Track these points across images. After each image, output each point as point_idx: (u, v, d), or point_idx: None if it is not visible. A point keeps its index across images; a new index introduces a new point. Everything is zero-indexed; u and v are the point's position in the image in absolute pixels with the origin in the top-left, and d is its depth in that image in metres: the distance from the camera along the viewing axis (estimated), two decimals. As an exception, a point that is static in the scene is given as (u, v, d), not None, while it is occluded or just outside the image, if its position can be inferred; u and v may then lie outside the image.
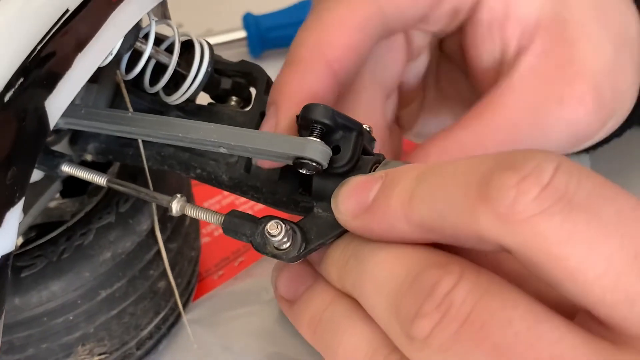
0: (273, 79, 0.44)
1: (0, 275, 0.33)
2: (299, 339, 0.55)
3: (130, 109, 0.45)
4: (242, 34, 0.85)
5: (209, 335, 0.55)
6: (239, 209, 0.38)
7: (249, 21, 0.84)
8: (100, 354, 0.49)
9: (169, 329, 0.54)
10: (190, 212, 0.40)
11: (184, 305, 0.56)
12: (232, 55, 0.85)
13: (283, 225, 0.35)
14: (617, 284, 0.24)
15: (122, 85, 0.46)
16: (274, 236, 0.35)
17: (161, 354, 0.54)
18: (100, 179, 0.43)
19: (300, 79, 0.40)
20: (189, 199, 0.55)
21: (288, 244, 0.35)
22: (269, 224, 0.35)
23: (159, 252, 0.50)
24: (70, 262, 0.46)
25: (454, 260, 0.29)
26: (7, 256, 0.34)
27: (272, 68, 0.47)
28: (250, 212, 0.38)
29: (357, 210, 0.33)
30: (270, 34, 0.84)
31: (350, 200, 0.33)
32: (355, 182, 0.34)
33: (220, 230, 0.67)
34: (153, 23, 0.42)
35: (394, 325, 0.29)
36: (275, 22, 0.84)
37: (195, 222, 0.57)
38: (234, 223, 0.37)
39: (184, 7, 0.85)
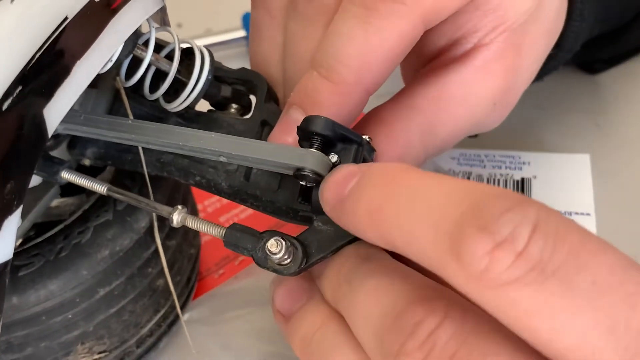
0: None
1: None
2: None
3: (131, 116, 0.46)
4: (241, 33, 0.85)
5: (208, 334, 0.55)
6: (238, 208, 0.38)
7: (249, 21, 0.84)
8: (99, 352, 0.49)
9: (169, 326, 0.54)
10: (192, 224, 0.40)
11: (184, 303, 0.56)
12: (231, 55, 0.86)
13: (283, 243, 0.36)
14: (592, 358, 0.24)
15: (122, 92, 0.46)
16: (275, 254, 0.36)
17: (161, 352, 0.54)
18: (100, 188, 0.44)
19: (337, 103, 0.39)
20: (187, 196, 0.55)
21: (289, 260, 0.36)
22: (270, 242, 0.36)
23: (157, 249, 0.50)
24: (68, 261, 0.46)
25: (441, 295, 0.29)
26: (5, 264, 0.34)
27: (272, 68, 0.47)
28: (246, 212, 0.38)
29: (333, 201, 0.33)
30: (270, 33, 0.84)
31: (330, 190, 0.33)
32: (340, 173, 0.33)
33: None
34: (153, 30, 0.43)
35: (378, 358, 0.30)
36: (275, 22, 0.84)
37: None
38: (235, 237, 0.38)
39: (184, 7, 0.85)
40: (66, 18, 0.34)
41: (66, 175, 0.44)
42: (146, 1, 0.40)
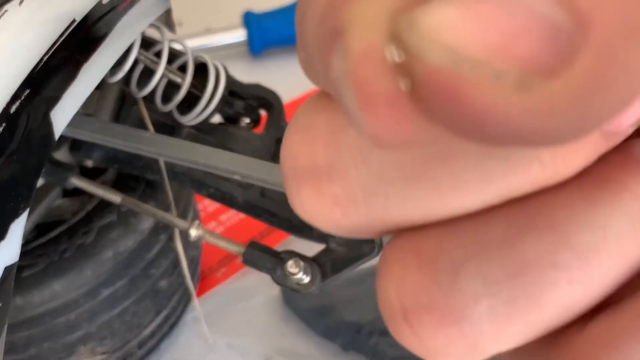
0: (273, 78, 0.44)
1: (4, 286, 0.33)
2: (303, 335, 0.55)
3: (151, 129, 0.45)
4: (242, 32, 0.85)
5: (212, 332, 0.55)
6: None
7: (249, 19, 0.84)
8: (102, 353, 0.49)
9: (171, 327, 0.54)
10: (210, 239, 0.41)
11: (186, 303, 0.56)
12: (231, 55, 0.86)
13: (302, 264, 0.37)
14: None
15: (141, 104, 0.46)
16: (294, 274, 0.37)
17: (163, 353, 0.54)
18: (114, 197, 0.44)
19: None
20: (190, 198, 0.55)
21: (307, 280, 0.37)
22: (289, 263, 0.37)
23: (160, 251, 0.50)
24: (72, 261, 0.46)
25: None
26: (10, 267, 0.34)
27: (272, 67, 0.47)
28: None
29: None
30: (271, 33, 0.84)
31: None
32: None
33: (222, 228, 0.68)
34: (166, 43, 0.43)
35: None
36: (276, 21, 0.84)
37: (196, 220, 0.57)
38: (255, 256, 0.39)
39: (184, 6, 0.85)
40: (74, 21, 0.34)
41: (77, 182, 0.44)
42: (152, 4, 0.40)
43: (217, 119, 0.47)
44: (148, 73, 0.43)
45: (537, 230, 0.14)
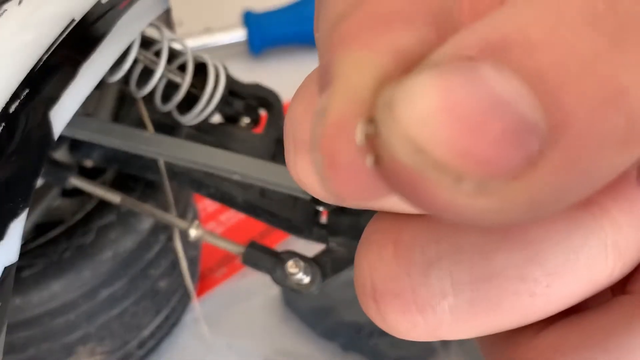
0: (273, 77, 0.44)
1: (3, 286, 0.33)
2: (303, 336, 0.55)
3: (150, 129, 0.45)
4: (242, 32, 0.85)
5: (212, 332, 0.55)
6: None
7: (249, 19, 0.84)
8: (101, 354, 0.49)
9: (170, 328, 0.54)
10: (210, 240, 0.41)
11: (186, 304, 0.56)
12: (231, 54, 0.85)
13: (302, 264, 0.37)
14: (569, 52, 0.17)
15: (140, 103, 0.46)
16: (294, 274, 0.37)
17: (162, 354, 0.54)
18: (113, 197, 0.43)
19: None
20: (189, 198, 0.55)
21: (307, 280, 0.37)
22: (289, 263, 0.37)
23: (160, 251, 0.50)
24: (71, 262, 0.46)
25: None
26: (10, 268, 0.34)
27: (272, 66, 0.47)
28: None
29: None
30: (271, 32, 0.84)
31: None
32: None
33: (222, 228, 0.68)
34: (166, 42, 0.42)
35: None
36: (276, 20, 0.84)
37: (196, 220, 0.57)
38: (255, 256, 0.39)
39: (184, 5, 0.85)
40: (73, 20, 0.34)
41: (76, 182, 0.44)
42: (152, 3, 0.40)
43: (216, 118, 0.47)
44: (147, 73, 0.43)
45: (511, 244, 0.15)
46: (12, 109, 0.32)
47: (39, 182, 0.47)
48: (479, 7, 0.14)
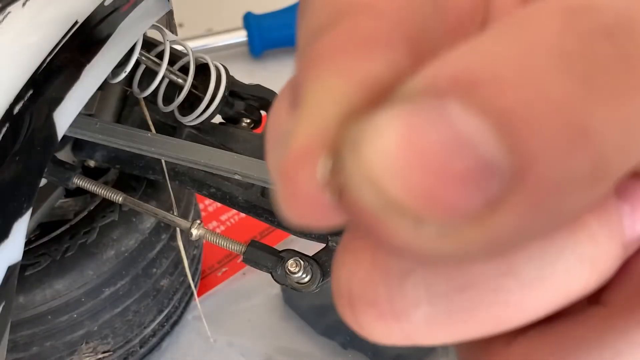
0: (273, 78, 0.44)
1: (7, 285, 0.34)
2: (303, 334, 0.56)
3: (152, 129, 0.46)
4: (242, 33, 0.85)
5: (213, 330, 0.55)
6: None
7: (250, 21, 0.85)
8: (104, 352, 0.50)
9: (172, 326, 0.55)
10: (211, 239, 0.41)
11: (187, 302, 0.56)
12: (232, 56, 0.86)
13: (302, 263, 0.38)
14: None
15: (143, 104, 0.46)
16: (294, 273, 0.38)
17: (164, 352, 0.55)
18: (116, 197, 0.44)
19: None
20: (191, 197, 0.56)
21: (307, 279, 0.38)
22: (289, 262, 0.38)
23: (162, 250, 0.50)
24: (74, 261, 0.46)
25: None
26: (13, 267, 0.34)
27: (272, 68, 0.47)
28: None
29: None
30: (271, 34, 0.84)
31: None
32: None
33: (222, 228, 0.68)
34: (168, 44, 0.43)
35: None
36: (276, 22, 0.84)
37: (197, 220, 0.58)
38: (255, 255, 0.39)
39: (185, 7, 0.85)
40: (76, 22, 0.35)
41: (79, 182, 0.45)
42: (154, 5, 0.40)
43: (217, 119, 0.48)
44: (150, 74, 0.43)
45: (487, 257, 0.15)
46: (16, 109, 0.32)
47: (43, 181, 0.47)
48: (463, 28, 0.14)
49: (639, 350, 0.15)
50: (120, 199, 0.44)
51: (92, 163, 0.48)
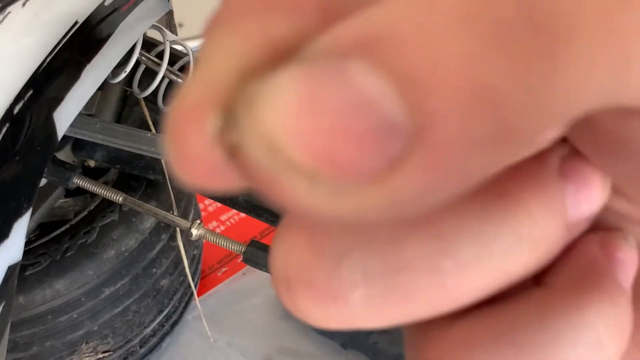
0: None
1: (7, 285, 0.34)
2: (303, 334, 0.56)
3: (153, 129, 0.46)
4: (242, 33, 0.85)
5: (213, 330, 0.55)
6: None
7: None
8: (104, 352, 0.50)
9: (172, 326, 0.55)
10: (211, 238, 0.41)
11: (187, 302, 0.56)
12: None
13: None
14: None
15: (143, 104, 0.46)
16: None
17: (164, 352, 0.55)
18: (116, 197, 0.44)
19: None
20: (191, 197, 0.56)
21: None
22: None
23: (161, 250, 0.50)
24: (74, 261, 0.46)
25: None
26: (14, 266, 0.34)
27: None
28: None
29: None
30: (271, 33, 0.84)
31: None
32: None
33: (223, 228, 0.68)
34: (167, 44, 0.43)
35: None
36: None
37: (197, 220, 0.58)
38: (255, 254, 0.39)
39: (185, 7, 0.85)
40: (76, 22, 0.35)
41: (79, 182, 0.44)
42: (154, 5, 0.40)
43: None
44: (150, 74, 0.43)
45: (423, 236, 0.14)
46: (16, 109, 0.32)
47: (43, 182, 0.47)
48: None
49: (578, 332, 0.15)
50: (120, 199, 0.44)
51: (92, 163, 0.48)
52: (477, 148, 0.11)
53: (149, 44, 0.42)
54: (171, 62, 0.44)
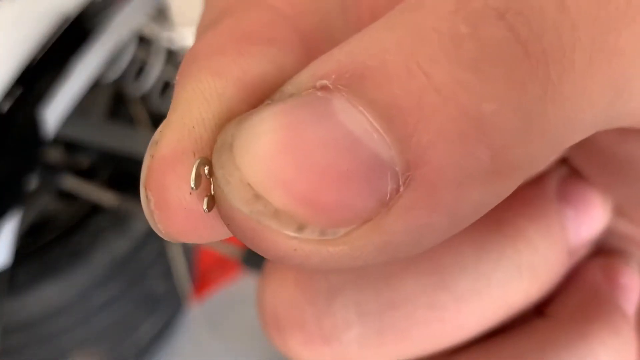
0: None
1: None
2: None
3: (147, 127, 0.45)
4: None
5: (209, 336, 0.54)
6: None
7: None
8: (97, 357, 0.49)
9: (167, 332, 0.54)
10: (209, 244, 0.40)
11: (183, 307, 0.56)
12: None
13: None
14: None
15: (136, 102, 0.46)
16: None
17: (159, 357, 0.54)
18: (109, 198, 0.43)
19: None
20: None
21: None
22: None
23: (155, 255, 0.49)
24: (66, 265, 0.45)
25: None
26: (2, 272, 0.33)
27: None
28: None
29: None
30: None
31: None
32: None
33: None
34: (163, 41, 0.42)
35: None
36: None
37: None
38: (254, 258, 0.38)
39: (180, 4, 0.84)
40: (67, 18, 0.34)
41: (71, 184, 0.44)
42: (147, 0, 0.39)
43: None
44: (145, 71, 0.42)
45: (419, 270, 0.14)
46: (4, 107, 0.31)
47: (33, 184, 0.46)
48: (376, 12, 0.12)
49: None
50: (114, 200, 0.43)
51: (85, 163, 0.47)
52: (472, 181, 0.10)
53: (143, 41, 0.41)
54: (167, 59, 0.44)
